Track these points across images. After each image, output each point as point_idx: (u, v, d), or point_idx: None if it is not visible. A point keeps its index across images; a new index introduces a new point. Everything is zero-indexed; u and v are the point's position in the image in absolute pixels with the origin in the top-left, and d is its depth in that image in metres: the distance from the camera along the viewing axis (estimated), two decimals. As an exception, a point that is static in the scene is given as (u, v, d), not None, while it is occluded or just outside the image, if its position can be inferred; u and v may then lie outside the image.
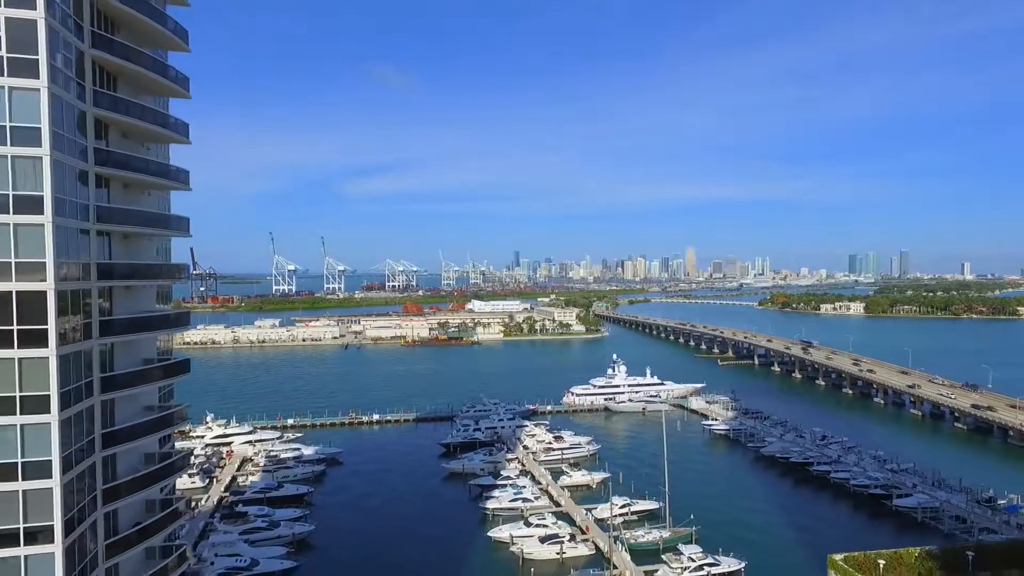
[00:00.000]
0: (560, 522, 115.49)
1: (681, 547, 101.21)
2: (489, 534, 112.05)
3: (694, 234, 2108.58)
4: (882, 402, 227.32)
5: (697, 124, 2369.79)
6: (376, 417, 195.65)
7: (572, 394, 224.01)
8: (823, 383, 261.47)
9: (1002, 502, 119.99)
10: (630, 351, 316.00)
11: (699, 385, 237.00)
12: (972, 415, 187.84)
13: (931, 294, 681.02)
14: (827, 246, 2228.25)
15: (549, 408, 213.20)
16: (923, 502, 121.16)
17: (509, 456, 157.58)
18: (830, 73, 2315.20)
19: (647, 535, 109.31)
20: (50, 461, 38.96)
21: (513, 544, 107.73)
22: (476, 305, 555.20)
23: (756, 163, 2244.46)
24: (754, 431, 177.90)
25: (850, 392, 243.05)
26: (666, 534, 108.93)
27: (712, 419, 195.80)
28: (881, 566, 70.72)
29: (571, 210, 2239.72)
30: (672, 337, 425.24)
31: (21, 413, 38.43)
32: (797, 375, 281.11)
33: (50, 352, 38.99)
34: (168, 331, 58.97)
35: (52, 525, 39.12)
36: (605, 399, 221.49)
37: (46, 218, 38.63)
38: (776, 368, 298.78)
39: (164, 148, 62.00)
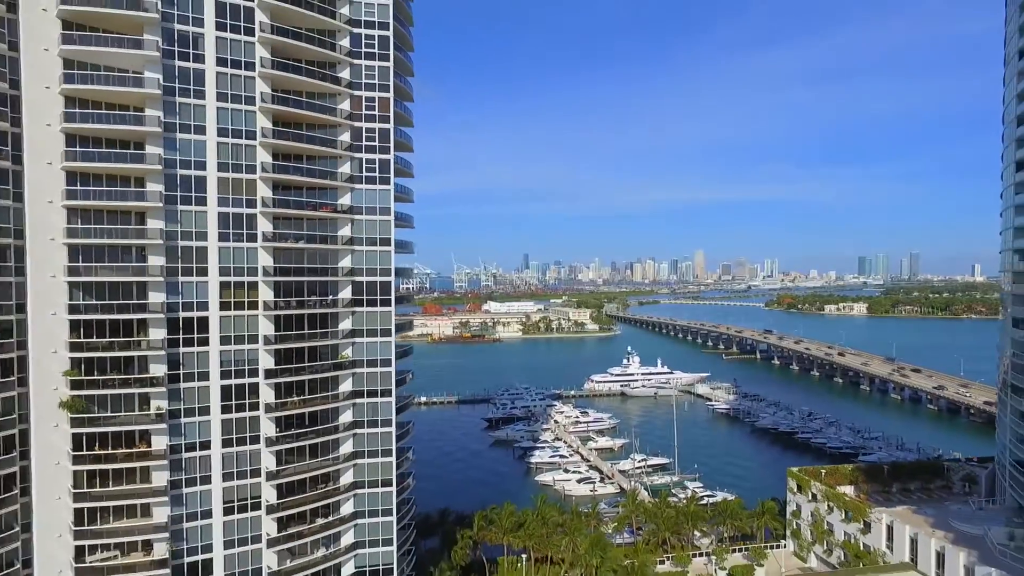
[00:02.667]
0: (591, 471, 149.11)
1: (687, 483, 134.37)
2: (536, 479, 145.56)
3: (703, 236, 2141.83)
4: (868, 389, 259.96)
5: (706, 126, 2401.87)
6: (423, 399, 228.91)
7: (592, 381, 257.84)
8: (817, 374, 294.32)
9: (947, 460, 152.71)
10: (642, 347, 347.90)
11: (705, 374, 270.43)
12: (944, 398, 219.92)
13: (936, 295, 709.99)
14: (837, 248, 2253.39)
15: (572, 393, 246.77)
16: (883, 458, 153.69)
17: (544, 427, 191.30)
18: (841, 74, 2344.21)
19: (660, 479, 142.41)
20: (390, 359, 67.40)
21: (555, 485, 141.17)
22: (492, 306, 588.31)
23: (766, 165, 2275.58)
24: (751, 409, 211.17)
25: (840, 381, 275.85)
26: (675, 478, 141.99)
27: (715, 401, 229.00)
28: (823, 473, 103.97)
29: (579, 212, 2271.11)
30: (681, 335, 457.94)
31: (380, 336, 67.08)
32: (795, 367, 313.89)
33: (391, 309, 68.16)
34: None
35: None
36: (621, 385, 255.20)
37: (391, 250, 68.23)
38: (776, 362, 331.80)
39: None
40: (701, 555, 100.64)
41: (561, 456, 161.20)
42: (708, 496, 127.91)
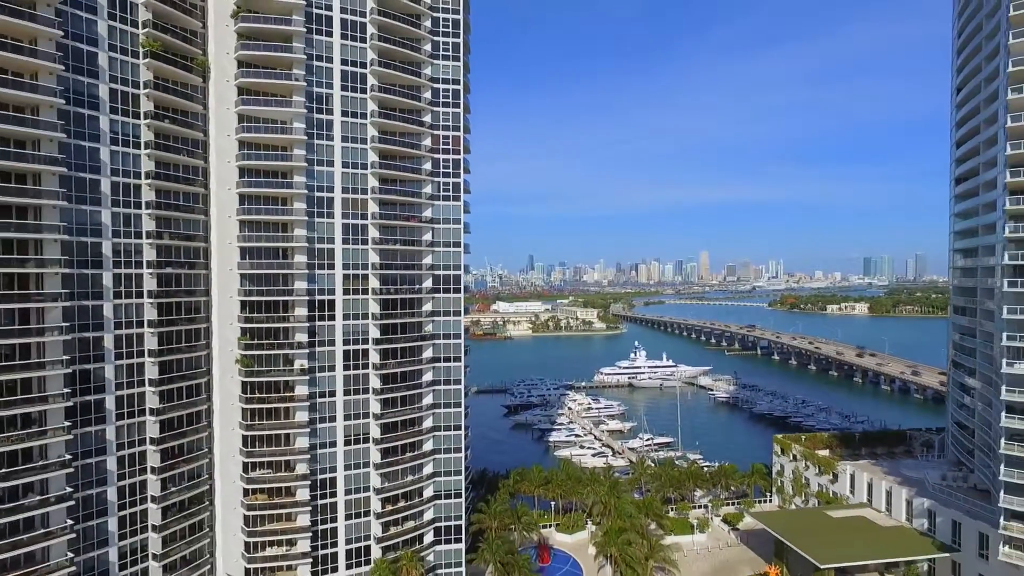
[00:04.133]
0: (604, 448, 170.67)
1: (688, 455, 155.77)
2: (555, 454, 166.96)
3: (708, 237, 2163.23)
4: (860, 381, 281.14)
5: (711, 127, 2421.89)
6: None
7: (601, 373, 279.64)
8: (814, 368, 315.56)
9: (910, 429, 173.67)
10: (647, 344, 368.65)
11: (707, 368, 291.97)
12: (931, 388, 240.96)
13: (939, 295, 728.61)
14: (842, 249, 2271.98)
15: (583, 384, 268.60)
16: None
17: (559, 413, 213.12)
18: (846, 75, 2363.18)
19: (665, 454, 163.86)
20: (460, 334, 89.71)
21: (572, 459, 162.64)
22: (501, 306, 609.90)
23: (771, 166, 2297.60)
24: (749, 397, 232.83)
25: (835, 375, 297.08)
26: (679, 453, 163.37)
27: (716, 391, 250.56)
28: (803, 439, 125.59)
29: (584, 214, 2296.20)
30: (685, 333, 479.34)
31: (452, 316, 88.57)
32: (793, 362, 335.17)
33: (461, 295, 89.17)
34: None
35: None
36: (629, 377, 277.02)
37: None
38: (776, 357, 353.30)
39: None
40: (700, 507, 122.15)
41: (576, 436, 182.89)
42: (707, 466, 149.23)
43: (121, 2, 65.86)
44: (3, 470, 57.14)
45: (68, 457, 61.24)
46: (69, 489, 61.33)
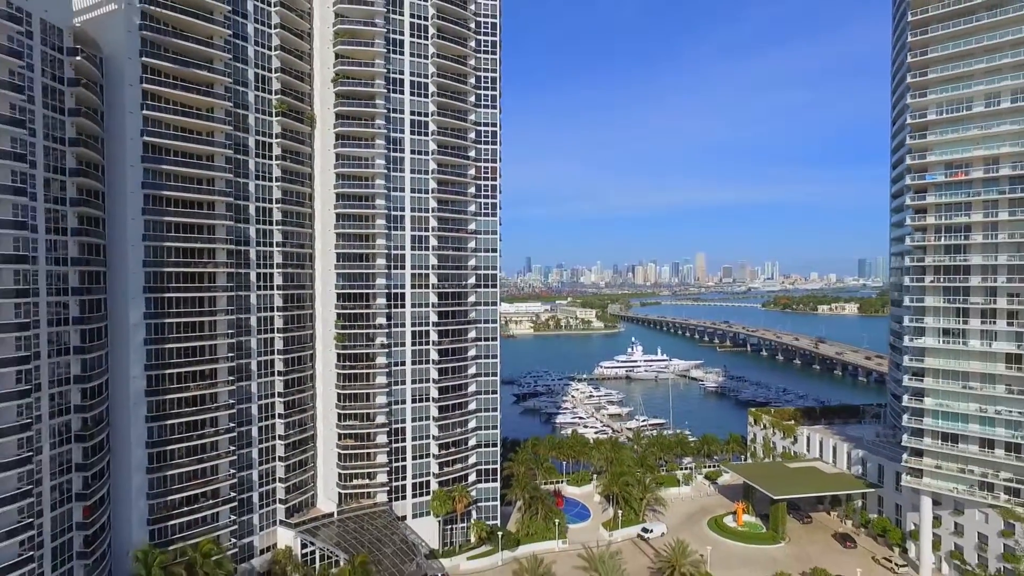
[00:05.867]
0: (605, 427, 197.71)
1: (679, 432, 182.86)
2: (562, 432, 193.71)
3: (705, 239, 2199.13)
4: (840, 374, 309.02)
5: (708, 129, 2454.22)
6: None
7: (600, 367, 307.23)
8: (799, 362, 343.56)
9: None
10: (644, 341, 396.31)
11: (699, 361, 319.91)
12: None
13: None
14: (838, 250, 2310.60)
15: (584, 376, 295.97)
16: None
17: (563, 399, 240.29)
18: (844, 76, 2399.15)
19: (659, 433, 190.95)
20: (496, 320, 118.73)
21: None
22: (502, 307, 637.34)
23: (769, 168, 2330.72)
24: (735, 387, 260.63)
25: (817, 368, 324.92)
26: (670, 431, 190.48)
27: (706, 382, 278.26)
28: (772, 411, 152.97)
29: (581, 216, 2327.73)
30: (679, 331, 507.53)
31: (490, 306, 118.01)
32: (779, 357, 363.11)
33: (497, 290, 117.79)
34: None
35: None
36: (626, 370, 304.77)
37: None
38: (764, 353, 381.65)
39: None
40: (686, 469, 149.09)
41: (580, 418, 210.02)
42: (694, 439, 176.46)
43: (264, 77, 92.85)
44: (193, 408, 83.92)
45: (231, 402, 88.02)
46: (232, 425, 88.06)
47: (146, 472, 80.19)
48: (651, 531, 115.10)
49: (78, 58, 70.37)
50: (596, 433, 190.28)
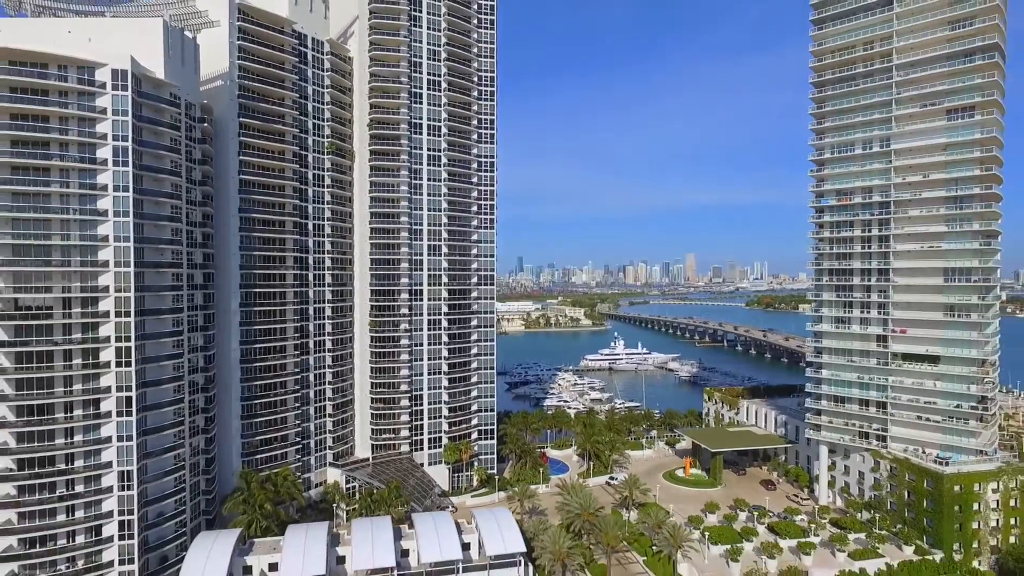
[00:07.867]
0: (586, 409, 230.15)
1: (650, 412, 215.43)
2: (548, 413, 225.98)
3: (695, 239, 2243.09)
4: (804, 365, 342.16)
5: (702, 129, 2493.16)
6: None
7: (586, 360, 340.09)
8: (769, 356, 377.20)
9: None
10: (629, 338, 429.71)
11: (676, 355, 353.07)
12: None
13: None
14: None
15: (570, 368, 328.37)
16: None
17: (551, 387, 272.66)
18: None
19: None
20: (493, 311, 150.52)
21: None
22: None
23: (760, 169, 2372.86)
24: (706, 376, 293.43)
25: (785, 361, 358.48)
26: (643, 412, 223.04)
27: (681, 372, 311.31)
28: (724, 390, 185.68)
29: (573, 216, 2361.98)
30: (663, 329, 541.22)
31: (488, 300, 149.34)
32: (753, 352, 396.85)
33: (494, 287, 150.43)
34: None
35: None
36: (609, 363, 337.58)
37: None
38: (739, 348, 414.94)
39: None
40: (649, 437, 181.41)
41: (565, 401, 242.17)
42: (659, 414, 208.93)
43: (319, 126, 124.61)
44: (270, 374, 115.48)
45: (296, 371, 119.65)
46: (296, 388, 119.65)
47: (240, 419, 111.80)
48: (616, 479, 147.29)
49: (205, 125, 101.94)
50: (577, 413, 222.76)
